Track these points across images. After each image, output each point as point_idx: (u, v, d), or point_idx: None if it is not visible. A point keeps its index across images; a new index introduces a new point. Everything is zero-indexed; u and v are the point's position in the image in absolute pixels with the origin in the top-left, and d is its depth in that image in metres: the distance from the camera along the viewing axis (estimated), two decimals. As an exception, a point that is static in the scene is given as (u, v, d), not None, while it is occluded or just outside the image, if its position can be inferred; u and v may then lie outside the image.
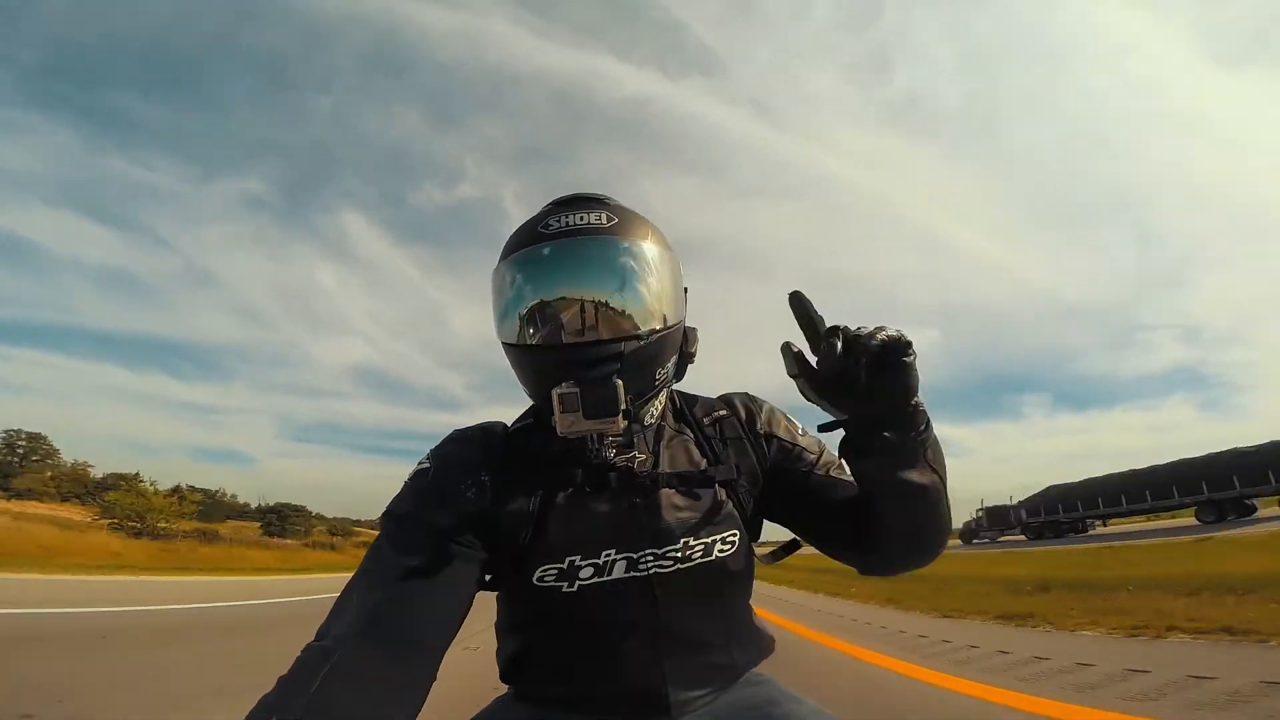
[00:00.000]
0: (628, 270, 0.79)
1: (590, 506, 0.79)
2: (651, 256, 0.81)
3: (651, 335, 0.79)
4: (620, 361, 0.76)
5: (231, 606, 8.49)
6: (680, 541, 0.79)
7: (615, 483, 0.79)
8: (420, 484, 0.78)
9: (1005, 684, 3.26)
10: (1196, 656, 3.44)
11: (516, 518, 0.77)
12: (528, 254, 0.79)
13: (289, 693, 0.58)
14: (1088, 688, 3.04)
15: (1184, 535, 15.86)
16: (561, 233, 0.78)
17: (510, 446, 0.83)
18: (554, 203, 0.84)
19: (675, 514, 0.80)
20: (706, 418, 0.91)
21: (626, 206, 0.85)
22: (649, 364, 0.80)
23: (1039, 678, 3.35)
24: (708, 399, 0.96)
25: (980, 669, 3.73)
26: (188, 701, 3.24)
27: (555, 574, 0.76)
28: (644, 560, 0.78)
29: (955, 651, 4.40)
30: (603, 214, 0.80)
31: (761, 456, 0.89)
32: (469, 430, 0.86)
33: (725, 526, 0.83)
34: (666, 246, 0.84)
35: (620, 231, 0.80)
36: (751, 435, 0.90)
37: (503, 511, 0.77)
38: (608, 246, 0.79)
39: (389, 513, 0.76)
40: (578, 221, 0.79)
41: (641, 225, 0.83)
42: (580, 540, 0.77)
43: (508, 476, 0.79)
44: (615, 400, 0.71)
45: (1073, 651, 3.92)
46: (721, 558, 0.81)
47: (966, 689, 3.24)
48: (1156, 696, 2.77)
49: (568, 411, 0.71)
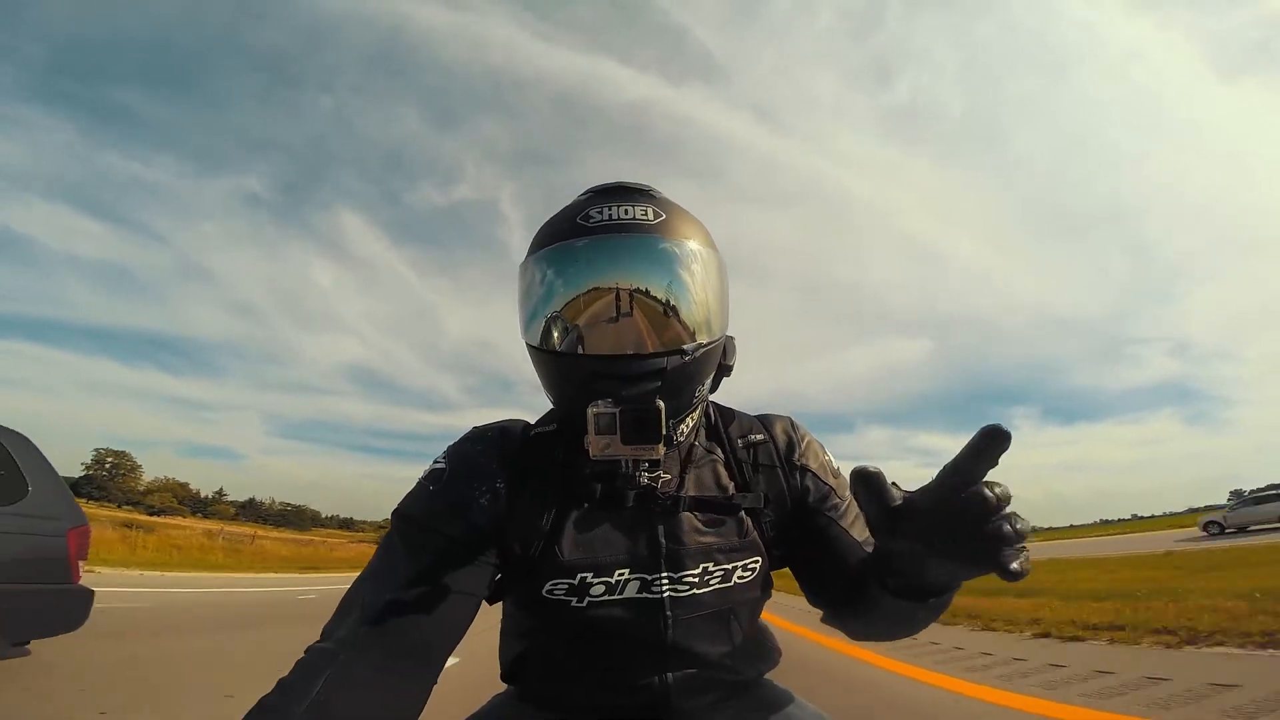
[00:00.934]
0: (675, 275, 0.72)
1: (607, 524, 0.76)
2: (702, 259, 0.73)
3: (697, 350, 0.72)
4: (662, 379, 0.69)
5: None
6: (699, 568, 0.75)
7: (634, 501, 0.74)
8: (434, 485, 0.75)
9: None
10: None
11: (529, 529, 0.74)
12: (565, 248, 0.72)
13: (289, 696, 0.58)
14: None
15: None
16: (604, 226, 0.71)
17: (529, 451, 0.79)
18: (594, 191, 0.77)
19: (696, 539, 0.76)
20: (742, 439, 0.84)
21: (672, 200, 0.78)
22: (690, 381, 0.73)
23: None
24: (746, 416, 0.88)
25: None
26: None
27: (565, 589, 0.74)
28: (658, 583, 0.75)
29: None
30: (649, 208, 0.73)
31: (793, 488, 0.83)
32: (488, 430, 0.81)
33: (747, 554, 0.79)
34: (715, 247, 0.77)
35: (668, 230, 0.72)
36: (786, 465, 0.84)
37: (516, 521, 0.74)
38: (655, 246, 0.72)
39: (400, 512, 0.74)
40: (622, 215, 0.72)
41: (690, 223, 0.76)
42: (594, 558, 0.74)
43: (524, 485, 0.76)
44: (657, 426, 0.64)
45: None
46: (740, 584, 0.78)
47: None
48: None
49: (603, 434, 0.65)
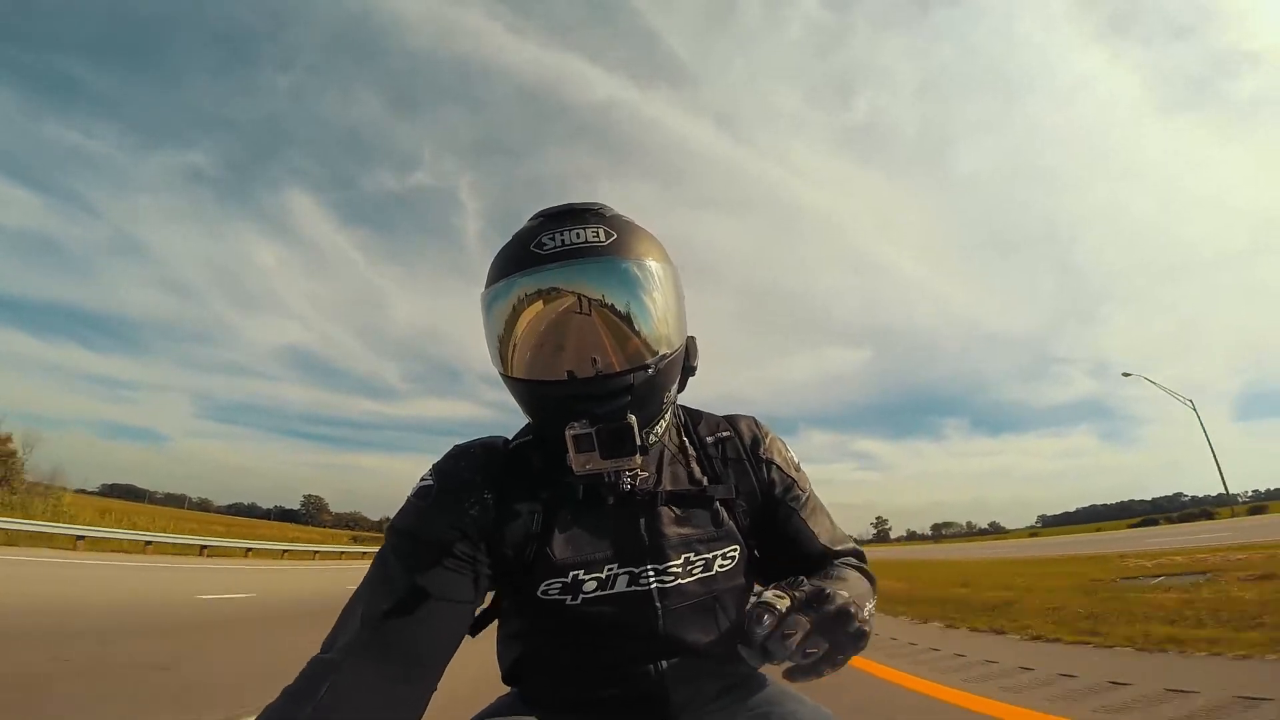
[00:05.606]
0: (632, 294, 0.75)
1: (592, 523, 0.81)
2: (655, 274, 0.77)
3: (660, 362, 0.77)
4: (630, 394, 0.74)
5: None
6: (681, 558, 0.81)
7: (616, 499, 0.80)
8: (424, 500, 0.79)
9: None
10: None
11: (520, 534, 0.79)
12: (522, 278, 0.74)
13: (294, 702, 0.62)
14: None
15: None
16: (558, 254, 0.74)
17: (512, 463, 0.83)
18: (544, 216, 0.79)
19: (676, 531, 0.82)
20: (710, 437, 0.91)
21: (620, 215, 0.81)
22: (657, 391, 0.79)
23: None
24: (712, 416, 0.95)
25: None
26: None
27: (559, 588, 0.78)
28: (645, 576, 0.80)
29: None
30: (600, 229, 0.76)
31: (761, 480, 0.90)
32: (470, 446, 0.85)
33: (725, 543, 0.84)
34: (667, 259, 0.81)
35: (620, 250, 0.76)
36: (753, 459, 0.91)
37: (506, 528, 0.79)
38: (610, 268, 0.75)
39: (393, 527, 0.78)
40: (574, 240, 0.74)
41: (642, 239, 0.79)
42: (583, 556, 0.79)
43: (510, 493, 0.80)
44: (632, 440, 0.70)
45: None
46: (722, 572, 0.83)
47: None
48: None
49: (582, 452, 0.71)
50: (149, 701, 3.38)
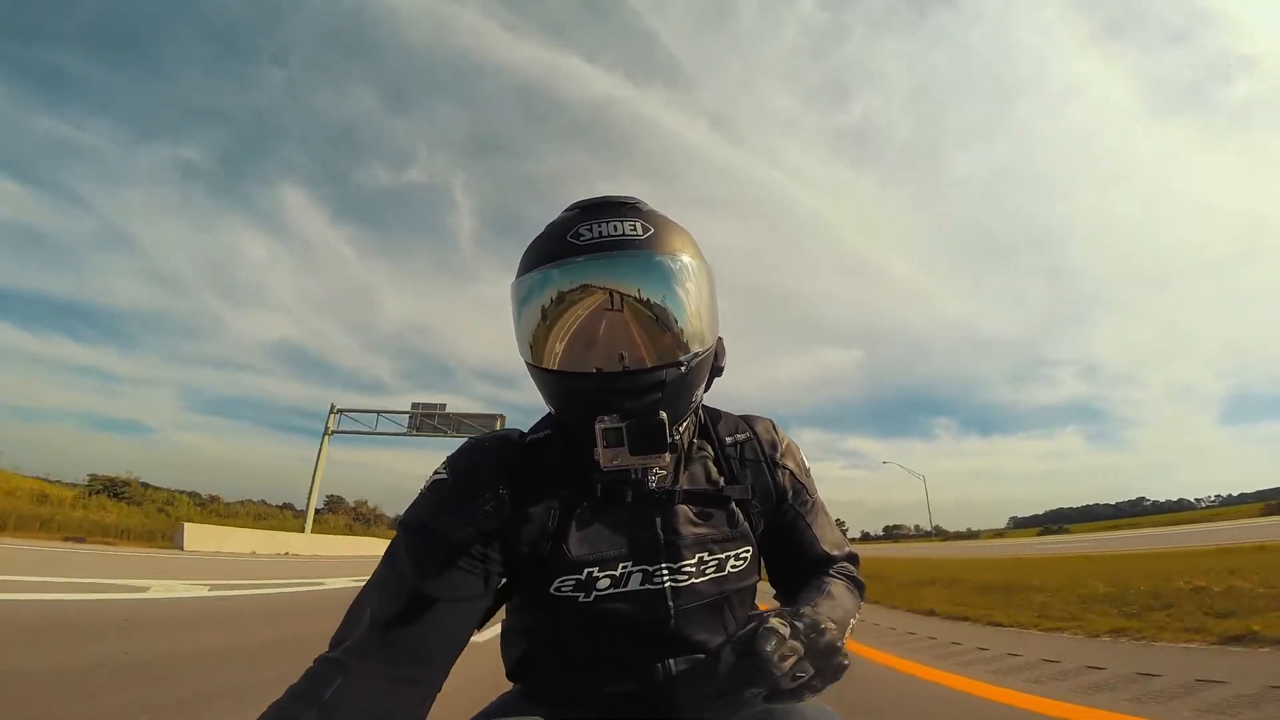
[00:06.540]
0: (668, 289, 0.74)
1: (608, 520, 0.80)
2: (690, 271, 0.76)
3: (693, 360, 0.75)
4: (662, 391, 0.73)
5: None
6: (695, 558, 0.80)
7: (632, 497, 0.79)
8: (438, 496, 0.77)
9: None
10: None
11: (535, 531, 0.77)
12: (558, 269, 0.73)
13: (300, 702, 0.61)
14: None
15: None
16: (595, 244, 0.73)
17: (527, 457, 0.82)
18: (581, 207, 0.79)
19: (691, 530, 0.81)
20: (729, 437, 0.91)
21: (656, 211, 0.81)
22: (688, 389, 0.78)
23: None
24: (731, 416, 0.95)
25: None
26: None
27: (573, 585, 0.77)
28: (659, 574, 0.79)
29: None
30: (637, 222, 0.75)
31: (775, 483, 0.90)
32: (486, 440, 0.84)
33: (739, 544, 0.84)
34: (702, 257, 0.80)
35: (657, 244, 0.75)
36: (769, 462, 0.91)
37: (521, 525, 0.77)
38: (647, 262, 0.74)
39: (405, 523, 0.76)
40: (612, 232, 0.74)
41: (677, 234, 0.78)
42: (598, 553, 0.78)
43: (525, 489, 0.78)
44: (662, 437, 0.69)
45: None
46: (734, 573, 0.83)
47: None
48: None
49: (611, 446, 0.69)
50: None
